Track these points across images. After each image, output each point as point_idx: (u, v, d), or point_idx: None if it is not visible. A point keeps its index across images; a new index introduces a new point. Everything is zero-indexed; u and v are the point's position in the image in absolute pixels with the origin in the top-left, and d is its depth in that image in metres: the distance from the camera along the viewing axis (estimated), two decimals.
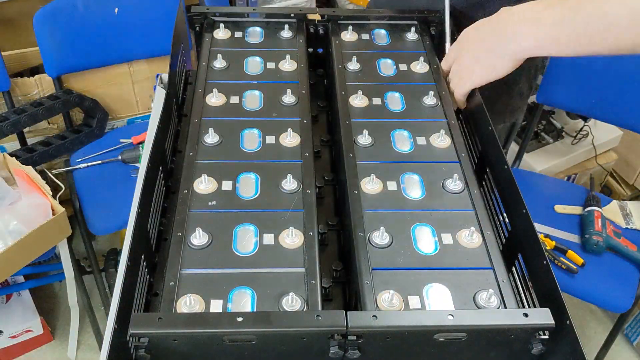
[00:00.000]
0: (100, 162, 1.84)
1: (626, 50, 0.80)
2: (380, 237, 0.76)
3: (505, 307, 0.70)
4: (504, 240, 0.84)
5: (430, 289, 0.72)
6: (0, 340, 1.83)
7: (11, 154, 1.69)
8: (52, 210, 1.53)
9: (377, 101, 0.99)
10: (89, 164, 1.83)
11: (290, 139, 0.90)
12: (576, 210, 1.70)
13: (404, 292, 0.71)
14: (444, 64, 1.03)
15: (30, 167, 1.60)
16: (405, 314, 0.68)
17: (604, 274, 1.56)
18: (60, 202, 1.56)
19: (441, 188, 0.85)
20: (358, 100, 0.98)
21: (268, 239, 0.76)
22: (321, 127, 1.06)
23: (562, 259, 1.54)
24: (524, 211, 0.77)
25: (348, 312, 0.63)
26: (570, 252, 1.57)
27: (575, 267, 1.53)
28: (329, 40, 1.12)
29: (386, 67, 1.06)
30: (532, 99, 2.18)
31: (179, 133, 0.98)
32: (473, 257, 0.76)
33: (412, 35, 1.13)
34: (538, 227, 1.64)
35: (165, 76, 1.13)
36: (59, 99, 1.82)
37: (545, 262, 0.71)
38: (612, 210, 1.73)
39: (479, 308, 0.70)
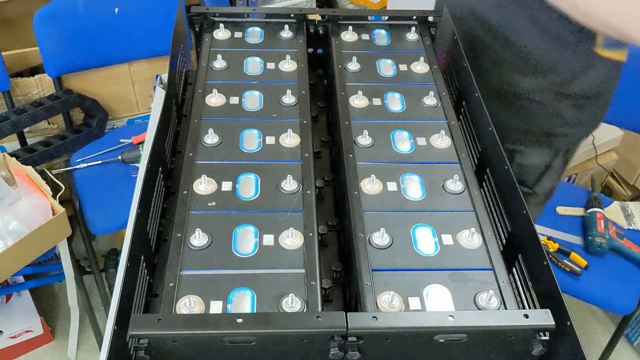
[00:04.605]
0: (100, 162, 1.83)
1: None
2: (380, 237, 0.76)
3: (506, 308, 0.70)
4: (504, 241, 0.83)
5: (430, 290, 0.72)
6: (0, 340, 1.83)
7: (11, 154, 1.69)
8: (52, 210, 1.52)
9: (377, 101, 0.98)
10: (89, 164, 1.83)
11: (290, 139, 0.89)
12: (578, 211, 1.70)
13: (404, 293, 0.71)
14: None
15: (30, 167, 1.60)
16: (406, 315, 0.68)
17: (608, 275, 1.56)
18: (60, 202, 1.56)
19: (441, 189, 0.85)
20: (358, 101, 0.97)
21: (268, 239, 0.76)
22: (321, 127, 1.06)
23: (565, 261, 1.54)
24: (524, 212, 0.77)
25: (348, 313, 0.63)
26: (573, 254, 1.56)
27: (579, 269, 1.53)
28: (329, 40, 1.12)
29: (386, 67, 1.06)
30: None
31: (178, 133, 0.98)
32: (473, 257, 0.76)
33: (412, 35, 1.13)
34: (540, 229, 1.64)
35: (165, 76, 1.12)
36: (59, 99, 1.82)
37: (545, 263, 0.71)
38: (613, 211, 1.72)
39: (479, 309, 0.70)
